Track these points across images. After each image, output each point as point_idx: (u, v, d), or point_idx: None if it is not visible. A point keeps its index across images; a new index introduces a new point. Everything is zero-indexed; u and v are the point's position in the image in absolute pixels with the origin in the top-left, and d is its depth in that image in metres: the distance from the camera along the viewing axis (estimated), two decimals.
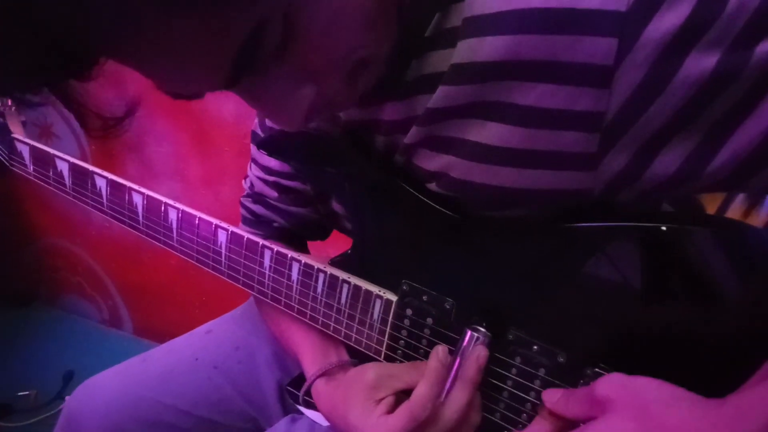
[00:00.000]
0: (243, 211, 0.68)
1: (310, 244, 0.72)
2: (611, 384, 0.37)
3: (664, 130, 0.35)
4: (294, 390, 0.59)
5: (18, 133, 0.71)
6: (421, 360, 0.51)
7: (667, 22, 0.33)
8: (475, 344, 0.46)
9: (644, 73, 0.34)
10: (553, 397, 0.42)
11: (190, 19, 0.27)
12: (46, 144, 0.71)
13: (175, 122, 1.40)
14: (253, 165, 0.64)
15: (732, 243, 0.39)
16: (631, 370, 0.39)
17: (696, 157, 0.36)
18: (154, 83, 0.33)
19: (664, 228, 0.40)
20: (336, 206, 0.58)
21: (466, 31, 0.38)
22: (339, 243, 0.62)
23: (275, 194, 0.62)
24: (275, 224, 0.65)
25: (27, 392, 1.49)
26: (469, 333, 0.46)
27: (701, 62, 0.33)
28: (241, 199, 0.68)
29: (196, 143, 1.40)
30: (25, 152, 0.69)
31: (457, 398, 0.45)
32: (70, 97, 0.30)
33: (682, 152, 0.36)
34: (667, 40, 0.33)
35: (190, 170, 1.44)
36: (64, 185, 0.67)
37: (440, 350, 0.47)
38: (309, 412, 0.58)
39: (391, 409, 0.46)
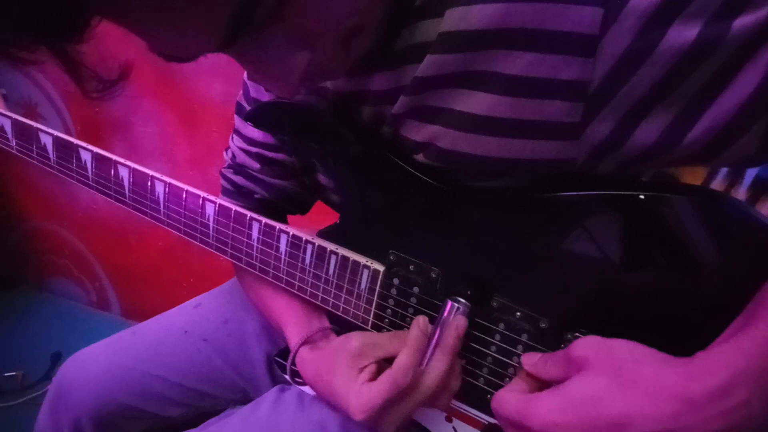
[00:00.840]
0: (223, 182, 0.67)
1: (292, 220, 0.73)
2: (586, 345, 0.39)
3: (645, 99, 0.36)
4: (282, 360, 0.60)
5: None
6: (408, 329, 0.52)
7: None
8: (455, 314, 0.47)
9: (628, 42, 0.35)
10: (531, 359, 0.43)
11: None
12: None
13: (162, 103, 1.39)
14: (235, 136, 0.64)
15: (707, 210, 0.40)
16: (610, 334, 0.40)
17: (675, 128, 0.37)
18: (147, 44, 0.33)
19: (642, 196, 0.41)
20: (322, 178, 0.58)
21: (454, 1, 0.38)
22: (321, 220, 0.62)
23: (257, 165, 0.62)
24: (256, 195, 0.65)
25: (14, 373, 1.49)
26: (449, 303, 0.47)
27: (683, 33, 0.34)
28: (222, 170, 0.68)
29: (184, 124, 1.39)
30: (7, 126, 0.69)
31: (438, 366, 0.46)
32: (68, 57, 0.30)
33: (662, 122, 0.37)
34: (651, 10, 0.34)
35: (178, 151, 1.43)
36: (49, 160, 0.66)
37: (421, 320, 0.48)
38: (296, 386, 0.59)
39: (374, 377, 0.47)
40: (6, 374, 1.48)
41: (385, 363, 0.48)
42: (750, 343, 0.32)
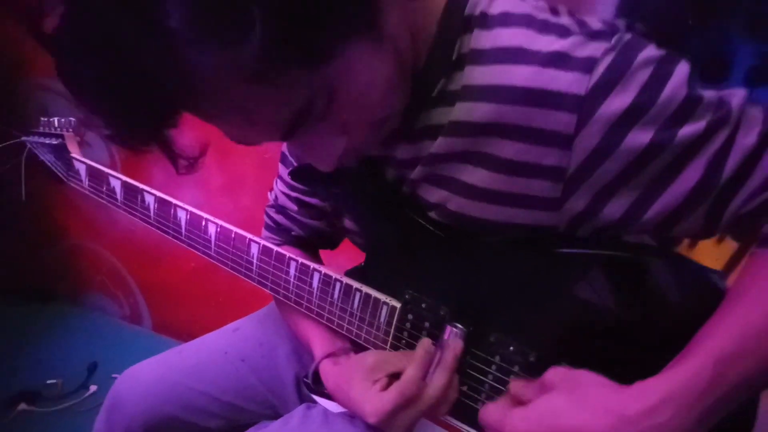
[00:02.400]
0: (266, 219, 0.79)
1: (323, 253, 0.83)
2: (555, 373, 0.48)
3: (611, 184, 0.46)
4: (307, 380, 0.69)
5: (75, 152, 0.82)
6: None
7: (615, 105, 0.43)
8: (453, 337, 0.57)
9: (597, 141, 0.44)
10: (517, 384, 0.53)
11: (264, 89, 0.38)
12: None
13: (199, 135, 1.51)
14: (279, 181, 0.75)
15: (675, 273, 0.50)
16: (585, 365, 0.49)
17: (635, 207, 0.46)
18: (225, 134, 0.44)
19: (623, 257, 0.50)
20: (348, 224, 0.68)
21: (463, 96, 0.48)
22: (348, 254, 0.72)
23: (295, 208, 0.73)
24: (293, 233, 0.77)
25: (54, 381, 1.60)
26: (448, 328, 0.57)
27: (639, 137, 0.43)
28: (266, 208, 0.80)
29: (219, 154, 1.51)
30: (82, 170, 0.80)
31: (438, 380, 0.56)
32: (167, 143, 0.41)
33: (625, 202, 0.46)
34: (614, 119, 0.43)
35: (212, 180, 1.55)
36: (116, 200, 0.77)
37: (426, 342, 0.58)
38: (320, 400, 0.68)
39: (385, 388, 0.56)
40: (47, 381, 1.60)
41: (394, 377, 0.57)
42: (676, 376, 0.42)
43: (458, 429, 0.61)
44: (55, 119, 0.87)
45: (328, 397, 0.65)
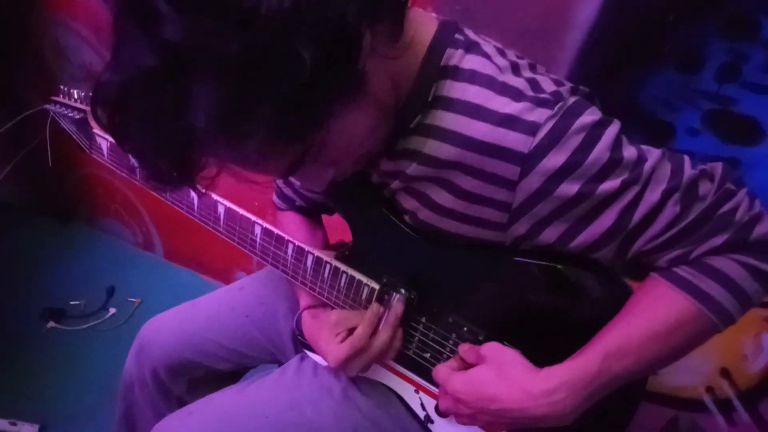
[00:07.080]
0: (276, 188, 0.92)
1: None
2: (489, 347, 0.63)
3: (545, 218, 0.57)
4: (301, 338, 0.83)
5: (97, 128, 0.91)
6: None
7: (551, 162, 0.53)
8: (397, 302, 0.70)
9: (535, 187, 0.54)
10: (463, 347, 0.67)
11: (263, 160, 0.48)
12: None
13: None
14: None
15: (599, 281, 0.62)
16: (519, 343, 0.64)
17: (564, 237, 0.57)
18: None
19: (560, 266, 0.62)
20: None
21: (435, 135, 0.58)
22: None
23: (299, 183, 0.85)
24: (297, 203, 0.89)
25: (78, 301, 1.76)
26: (394, 295, 0.71)
27: (569, 188, 0.54)
28: (276, 180, 0.90)
29: None
30: (104, 145, 0.90)
31: (383, 334, 0.71)
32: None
33: (557, 232, 0.57)
34: (550, 173, 0.53)
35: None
36: (135, 176, 0.88)
37: (375, 305, 0.72)
38: (310, 354, 0.82)
39: (344, 340, 0.71)
40: (71, 302, 1.76)
41: (352, 331, 0.71)
42: (572, 366, 0.57)
43: (423, 386, 0.76)
44: (75, 91, 0.94)
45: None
